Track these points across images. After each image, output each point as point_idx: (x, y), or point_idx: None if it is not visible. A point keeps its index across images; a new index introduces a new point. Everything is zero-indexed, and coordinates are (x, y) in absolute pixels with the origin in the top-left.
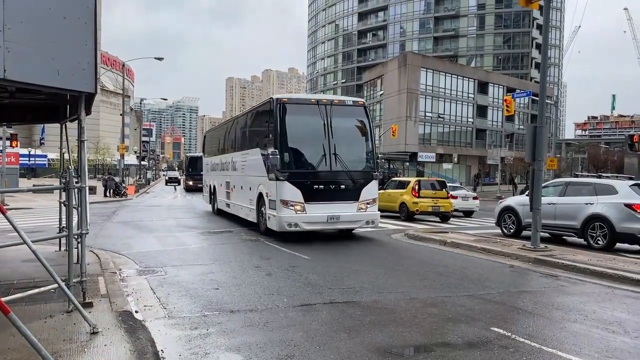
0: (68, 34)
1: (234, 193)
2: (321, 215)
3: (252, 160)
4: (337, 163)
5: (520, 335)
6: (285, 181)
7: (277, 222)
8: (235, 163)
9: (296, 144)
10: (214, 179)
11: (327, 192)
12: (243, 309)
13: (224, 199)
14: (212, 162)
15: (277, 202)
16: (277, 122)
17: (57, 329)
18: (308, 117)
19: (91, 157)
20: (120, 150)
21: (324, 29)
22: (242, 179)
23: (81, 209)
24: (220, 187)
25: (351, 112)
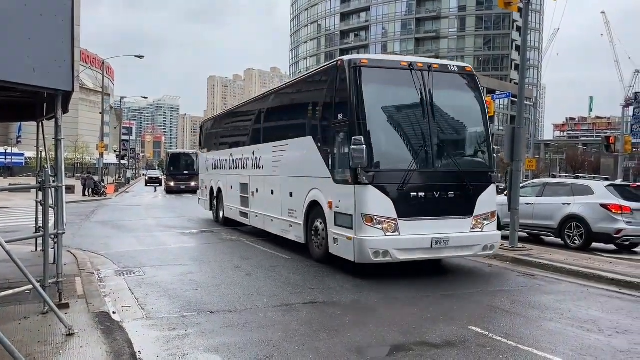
0: (44, 31)
1: (257, 200)
2: (423, 238)
3: (297, 154)
4: (443, 158)
5: (497, 334)
6: (369, 186)
7: (356, 248)
8: (259, 159)
9: (384, 129)
10: (218, 179)
11: (430, 203)
12: (222, 309)
13: (236, 206)
14: (215, 158)
15: (355, 217)
16: (354, 95)
17: (31, 330)
18: (398, 88)
19: (70, 156)
20: (100, 149)
21: (307, 29)
22: (276, 180)
23: (58, 208)
24: (229, 191)
25: (458, 83)
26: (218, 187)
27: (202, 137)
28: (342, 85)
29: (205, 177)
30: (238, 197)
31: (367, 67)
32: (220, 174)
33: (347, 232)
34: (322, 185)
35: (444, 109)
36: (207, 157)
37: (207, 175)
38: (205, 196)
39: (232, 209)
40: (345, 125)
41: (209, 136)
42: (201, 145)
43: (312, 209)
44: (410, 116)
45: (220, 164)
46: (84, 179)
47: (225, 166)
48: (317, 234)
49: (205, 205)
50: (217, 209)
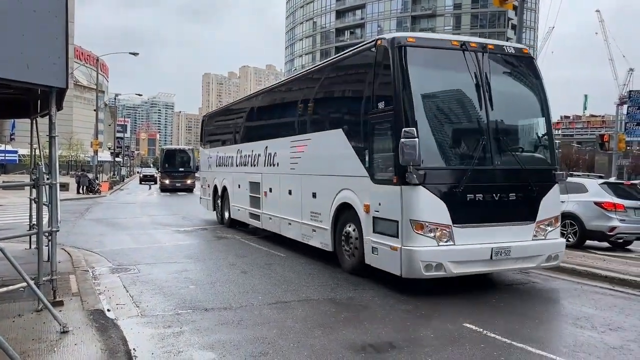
0: (38, 27)
1: (270, 200)
2: (481, 248)
3: (323, 149)
4: (503, 154)
5: (491, 331)
6: (420, 186)
7: (404, 260)
8: (273, 156)
9: (434, 120)
10: (223, 177)
11: (489, 207)
12: (217, 307)
13: (244, 207)
14: (219, 155)
15: (402, 223)
16: (399, 80)
17: (26, 328)
18: (450, 72)
19: (64, 153)
20: (94, 146)
21: (302, 26)
22: (295, 179)
23: (52, 206)
24: (236, 190)
25: (516, 67)
26: (223, 186)
27: (203, 132)
28: (383, 69)
29: (208, 175)
30: (247, 197)
31: (414, 47)
32: (225, 172)
33: (391, 241)
34: (356, 185)
35: (502, 97)
36: (209, 153)
37: (210, 173)
38: (207, 195)
39: (240, 209)
40: (388, 115)
41: (212, 131)
42: (202, 141)
43: (341, 212)
44: (465, 105)
45: (226, 161)
46: (78, 176)
47: (232, 163)
48: (349, 241)
49: (207, 205)
50: (221, 209)
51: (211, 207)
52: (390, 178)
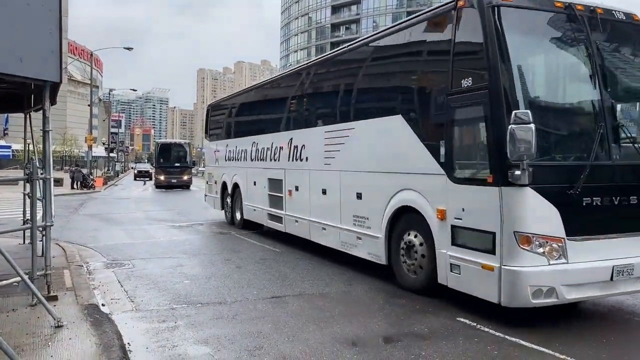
0: (31, 21)
1: (296, 200)
2: (601, 267)
3: (373, 140)
4: (622, 146)
5: (485, 326)
6: (527, 188)
7: (506, 284)
8: (300, 149)
9: (540, 102)
10: (234, 173)
11: (607, 213)
12: (212, 301)
13: (262, 207)
14: (229, 148)
15: (502, 236)
16: (496, 49)
17: (20, 322)
18: (555, 40)
19: (58, 149)
20: (88, 141)
21: (297, 22)
22: (331, 177)
23: (46, 200)
24: (251, 188)
25: (630, 36)
26: (234, 183)
27: (208, 122)
28: (470, 36)
29: (215, 171)
30: (265, 196)
31: (510, 8)
32: (237, 167)
33: (482, 258)
34: (423, 184)
35: (617, 73)
36: (216, 146)
37: (218, 169)
38: (214, 193)
39: (256, 209)
40: (479, 95)
41: (220, 121)
42: (207, 132)
43: (399, 217)
44: (574, 82)
45: (238, 155)
46: (73, 171)
47: (246, 157)
48: (411, 254)
49: (214, 203)
50: (232, 208)
51: (219, 206)
52: (483, 177)
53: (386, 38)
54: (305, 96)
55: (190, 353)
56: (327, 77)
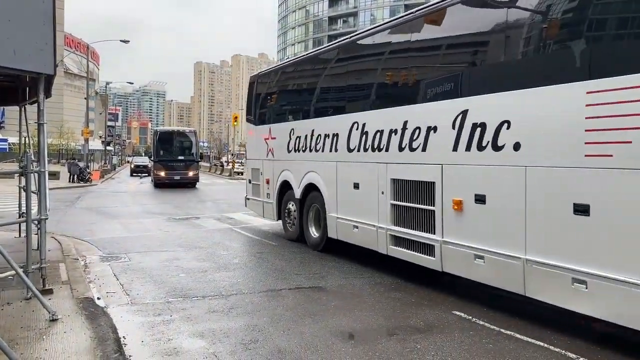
0: (25, 13)
1: (480, 220)
2: None
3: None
4: None
5: (480, 319)
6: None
7: None
8: (493, 127)
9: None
10: (306, 169)
11: None
12: (208, 295)
13: (379, 225)
14: (297, 133)
15: None
16: None
17: (14, 316)
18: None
19: (55, 142)
20: (85, 134)
21: (295, 15)
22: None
23: (40, 193)
24: (348, 192)
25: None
26: (307, 184)
27: (255, 100)
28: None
29: (268, 166)
30: (385, 207)
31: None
32: (313, 161)
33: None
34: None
35: None
36: (270, 132)
37: (272, 163)
38: (265, 196)
39: (361, 227)
40: None
41: (278, 97)
42: (252, 113)
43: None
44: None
45: (316, 143)
46: (69, 164)
47: (334, 146)
48: None
49: (264, 210)
50: (301, 221)
51: (272, 214)
52: None
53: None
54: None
55: (185, 346)
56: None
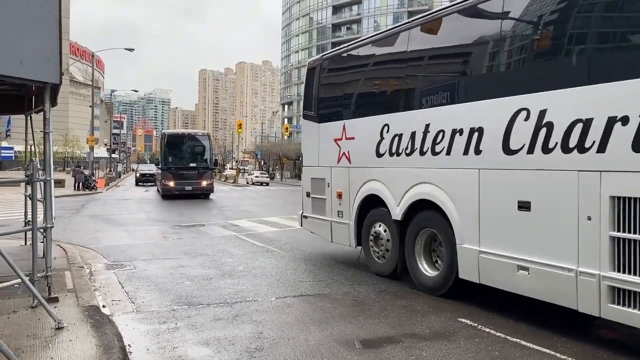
0: (31, 23)
1: None
2: None
3: None
4: None
5: (486, 326)
6: None
7: None
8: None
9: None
10: (409, 182)
11: None
12: (213, 302)
13: (559, 265)
14: (394, 130)
15: None
16: None
17: (20, 324)
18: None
19: (60, 150)
20: (90, 142)
21: (298, 22)
22: None
23: (46, 202)
24: (507, 213)
25: None
26: (415, 202)
27: (317, 91)
28: None
29: (334, 175)
30: (599, 242)
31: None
32: (424, 169)
33: None
34: None
35: None
36: (343, 131)
37: (342, 171)
38: (334, 215)
39: (548, 271)
40: None
41: (354, 84)
42: (313, 108)
43: None
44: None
45: (426, 144)
46: (75, 172)
47: (470, 147)
48: None
49: (334, 233)
50: (406, 253)
51: (350, 239)
52: None
53: None
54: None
55: (190, 354)
56: None
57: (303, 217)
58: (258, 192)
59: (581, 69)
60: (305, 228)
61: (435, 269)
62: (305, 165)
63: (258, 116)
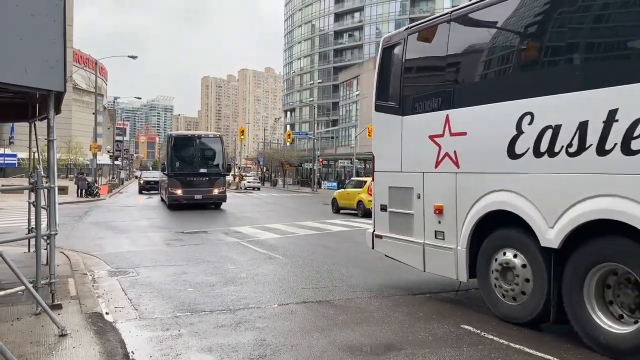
0: (36, 31)
1: None
2: None
3: None
4: None
5: (489, 333)
6: None
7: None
8: None
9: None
10: (578, 192)
11: None
12: (216, 309)
13: None
14: (549, 119)
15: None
16: None
17: (24, 331)
18: None
19: (63, 157)
20: (93, 149)
21: (300, 29)
22: None
23: (50, 209)
24: None
25: None
26: (584, 223)
27: (402, 73)
28: None
29: (430, 183)
30: None
31: None
32: (608, 175)
33: None
34: None
35: None
36: (446, 123)
37: (445, 177)
38: (429, 236)
39: None
40: None
41: (464, 62)
42: (396, 96)
43: None
44: None
45: (611, 139)
46: (77, 179)
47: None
48: None
49: (428, 259)
50: (565, 297)
51: (457, 269)
52: None
53: None
54: None
55: None
56: None
57: (375, 237)
58: (260, 199)
59: None
60: (379, 250)
61: (621, 322)
62: (379, 170)
63: (260, 123)
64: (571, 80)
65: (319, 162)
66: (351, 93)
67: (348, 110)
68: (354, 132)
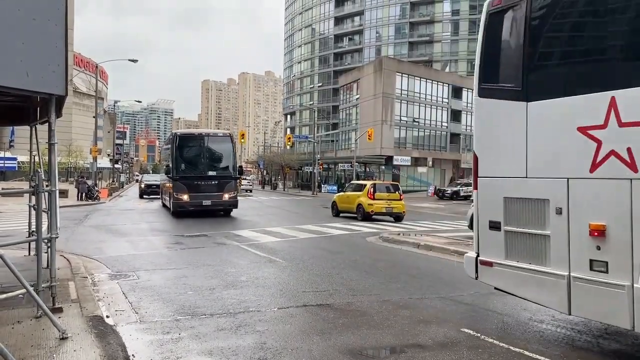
0: (38, 35)
1: None
2: None
3: None
4: None
5: (489, 336)
6: None
7: None
8: None
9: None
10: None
11: None
12: (216, 313)
13: None
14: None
15: None
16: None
17: (25, 334)
18: None
19: (63, 160)
20: (93, 152)
21: (301, 33)
22: None
23: (51, 212)
24: None
25: None
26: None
27: (527, 42)
28: None
29: (583, 193)
30: None
31: None
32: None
33: None
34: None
35: None
36: (613, 107)
37: (625, 187)
38: (593, 269)
39: None
40: None
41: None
42: (517, 76)
43: None
44: None
45: None
46: (78, 182)
47: None
48: None
49: (588, 301)
50: None
51: (637, 320)
52: None
53: None
54: None
55: None
56: None
57: (482, 264)
58: (261, 202)
59: None
60: (487, 282)
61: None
62: (486, 175)
63: (260, 126)
64: None
65: (319, 165)
66: (351, 96)
67: (348, 113)
68: (354, 135)
